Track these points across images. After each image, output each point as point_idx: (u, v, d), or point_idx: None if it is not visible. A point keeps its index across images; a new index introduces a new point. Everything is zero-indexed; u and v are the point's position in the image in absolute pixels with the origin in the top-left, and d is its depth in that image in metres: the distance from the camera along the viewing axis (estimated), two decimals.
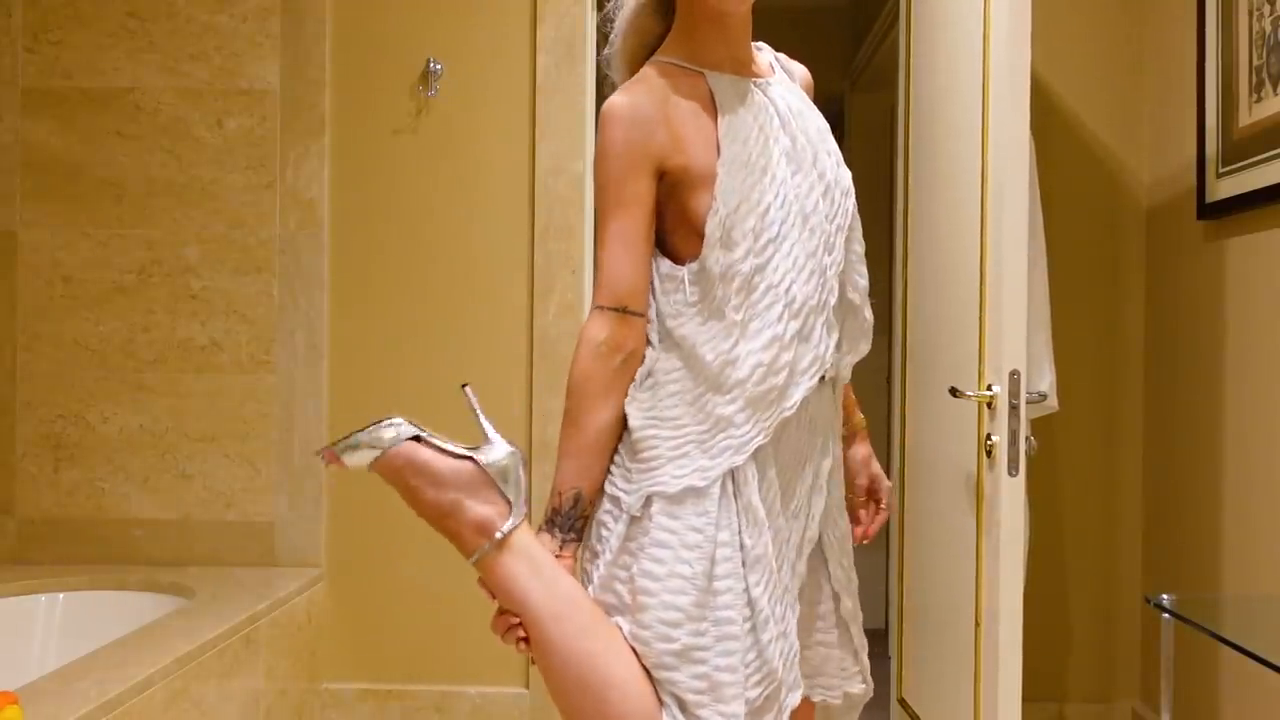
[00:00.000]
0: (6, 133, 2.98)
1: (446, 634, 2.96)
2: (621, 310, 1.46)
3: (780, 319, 1.45)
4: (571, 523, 1.46)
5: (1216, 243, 2.58)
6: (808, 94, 1.64)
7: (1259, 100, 2.35)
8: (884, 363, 4.14)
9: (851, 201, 1.55)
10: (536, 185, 2.95)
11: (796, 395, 1.46)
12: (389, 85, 2.99)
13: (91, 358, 2.98)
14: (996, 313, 2.06)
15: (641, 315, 1.48)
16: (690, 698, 1.37)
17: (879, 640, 3.86)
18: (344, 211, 2.99)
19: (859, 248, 1.56)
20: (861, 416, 1.74)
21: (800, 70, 1.68)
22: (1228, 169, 2.48)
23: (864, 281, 1.56)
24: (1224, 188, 2.50)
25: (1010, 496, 2.02)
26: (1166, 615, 1.93)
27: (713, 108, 1.50)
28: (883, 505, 1.73)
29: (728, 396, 1.43)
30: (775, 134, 1.50)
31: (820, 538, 1.57)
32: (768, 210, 1.46)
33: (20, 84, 2.98)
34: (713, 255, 1.44)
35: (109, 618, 2.73)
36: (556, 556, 1.44)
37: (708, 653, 1.38)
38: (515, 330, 2.97)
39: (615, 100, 1.48)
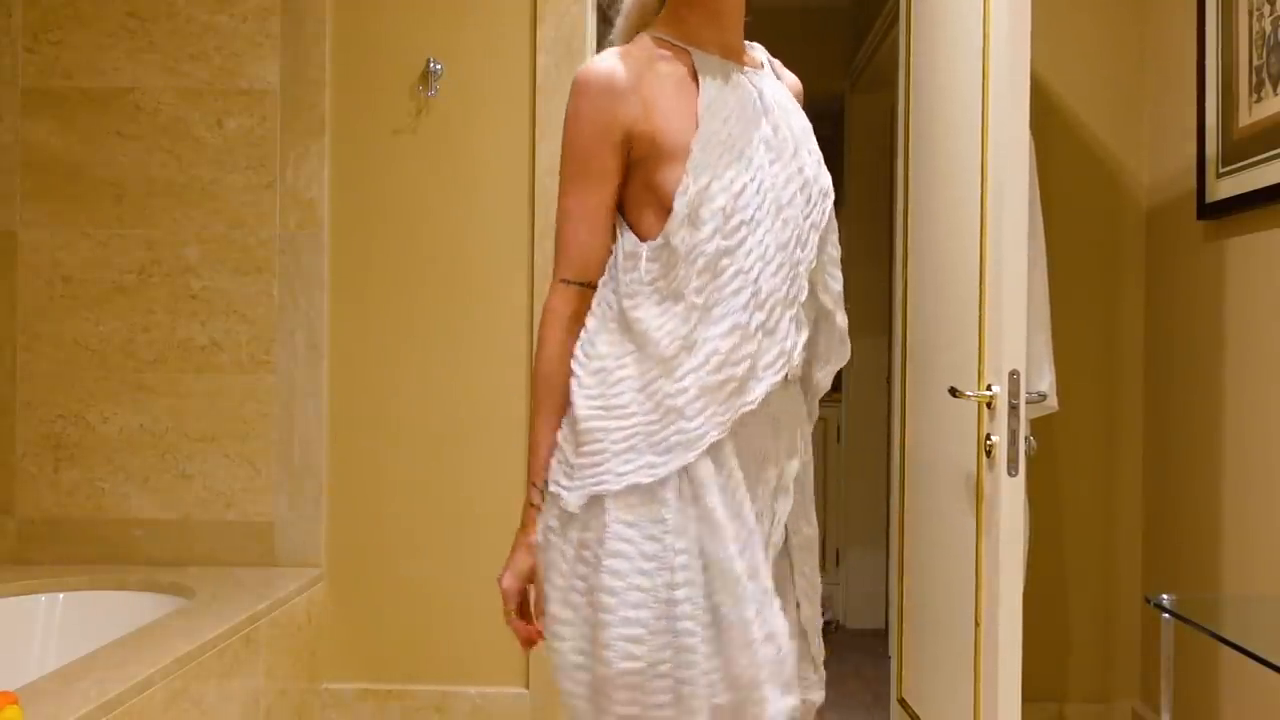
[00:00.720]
0: (7, 133, 2.98)
1: (446, 634, 2.96)
2: (585, 285, 1.44)
3: (745, 307, 1.38)
4: None
5: (1216, 243, 2.58)
6: (796, 101, 1.60)
7: (1259, 100, 2.35)
8: (884, 363, 4.14)
9: (829, 203, 1.49)
10: (536, 185, 2.95)
11: (758, 390, 1.39)
12: (389, 85, 2.99)
13: (91, 358, 2.98)
14: (996, 313, 2.06)
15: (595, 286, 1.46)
16: (654, 714, 1.34)
17: (879, 640, 3.86)
18: (344, 211, 2.99)
19: (834, 251, 1.51)
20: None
21: (792, 78, 1.63)
22: (1228, 169, 2.48)
23: (838, 286, 1.51)
24: (1224, 188, 2.50)
25: (1010, 496, 2.02)
26: (1166, 615, 1.93)
27: (695, 83, 1.45)
28: None
29: (680, 385, 1.36)
30: (757, 119, 1.45)
31: (787, 541, 1.51)
32: (742, 191, 1.40)
33: (20, 84, 2.98)
34: (679, 233, 1.38)
35: (109, 618, 2.73)
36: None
37: (668, 665, 1.34)
38: (515, 330, 2.97)
39: (588, 66, 1.43)
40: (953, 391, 2.21)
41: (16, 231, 2.98)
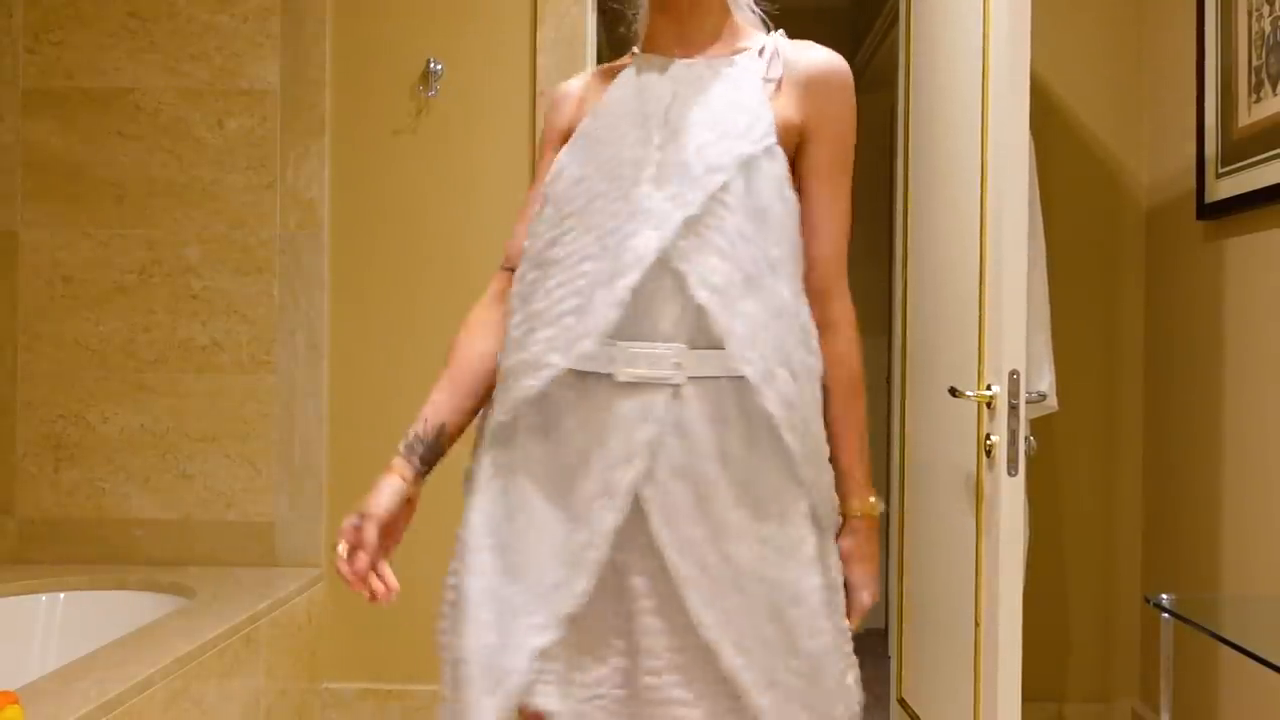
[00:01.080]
0: (8, 133, 2.98)
1: None
2: (510, 270, 1.48)
3: (552, 293, 1.34)
4: (430, 454, 1.40)
5: (1216, 243, 2.58)
6: (816, 86, 1.40)
7: (1258, 100, 2.35)
8: (883, 363, 4.15)
9: (716, 181, 1.30)
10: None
11: (539, 378, 1.30)
12: (389, 85, 2.99)
13: (92, 358, 2.98)
14: (996, 313, 2.06)
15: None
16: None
17: (879, 640, 3.86)
18: (344, 211, 3.00)
19: (720, 240, 1.30)
20: (859, 502, 1.41)
21: (810, 60, 1.42)
22: (1227, 169, 2.48)
23: (717, 278, 1.29)
24: (1223, 188, 2.50)
25: (1010, 496, 2.02)
26: (1166, 615, 1.93)
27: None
28: (851, 614, 1.41)
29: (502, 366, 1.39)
30: (645, 107, 1.37)
31: (671, 567, 1.26)
32: (580, 179, 1.36)
33: (21, 84, 2.99)
34: (531, 228, 1.41)
35: (109, 618, 2.73)
36: (407, 483, 1.37)
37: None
38: None
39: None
40: (953, 391, 2.21)
41: (17, 231, 2.99)
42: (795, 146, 1.41)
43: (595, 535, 1.27)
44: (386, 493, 1.36)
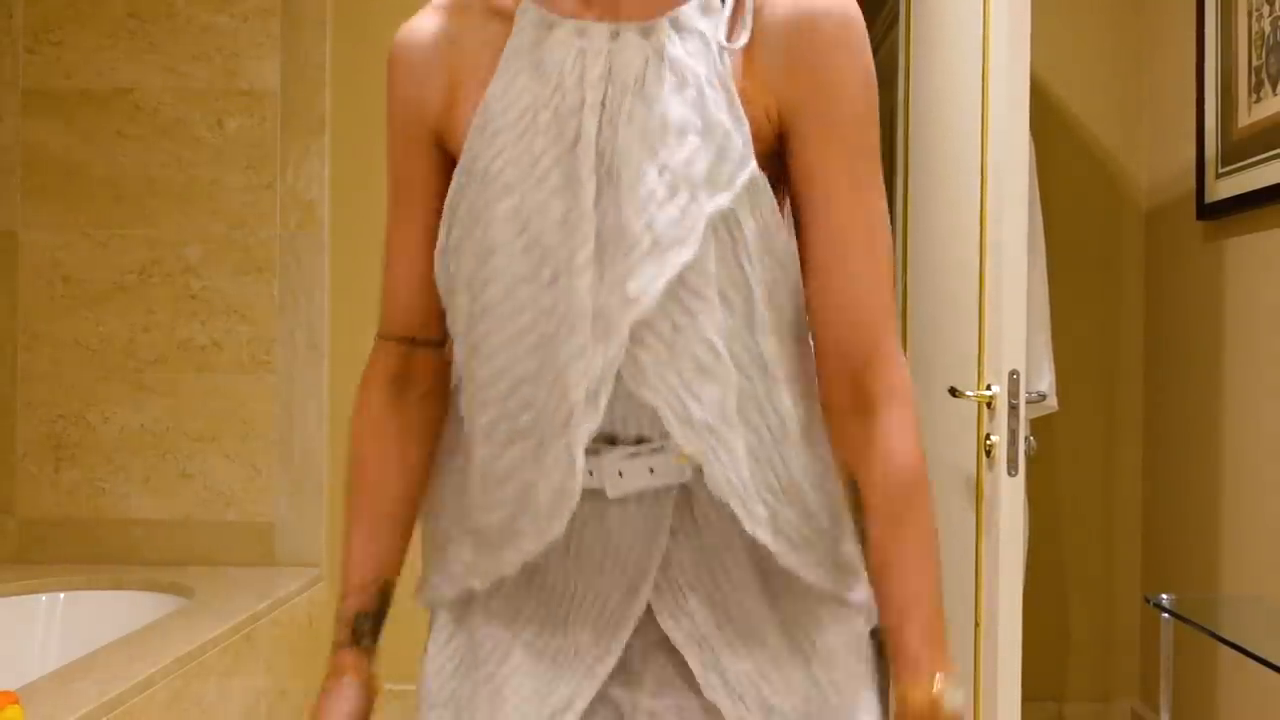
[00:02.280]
0: (7, 133, 2.98)
1: None
2: (408, 340, 1.04)
3: (493, 431, 0.94)
4: (379, 622, 1.04)
5: (1216, 243, 2.58)
6: (801, 42, 0.93)
7: (1258, 101, 2.35)
8: None
9: (676, 263, 0.88)
10: None
11: (520, 550, 0.94)
12: None
13: (92, 358, 2.98)
14: (996, 313, 2.06)
15: (437, 343, 1.06)
16: None
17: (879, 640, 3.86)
18: (344, 211, 3.00)
19: (701, 351, 0.90)
20: (921, 692, 0.89)
21: (791, 3, 0.93)
22: (1227, 169, 2.48)
23: (700, 410, 0.90)
24: (1223, 188, 2.50)
25: (1010, 496, 2.02)
26: (1165, 615, 1.93)
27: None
28: None
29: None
30: (563, 125, 0.91)
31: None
32: (492, 252, 0.92)
33: (21, 85, 2.99)
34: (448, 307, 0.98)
35: (109, 618, 2.73)
36: (364, 676, 1.03)
37: None
38: None
39: (397, 33, 1.03)
40: (953, 391, 2.21)
41: (17, 232, 2.99)
42: (778, 137, 0.95)
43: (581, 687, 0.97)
44: (347, 703, 1.00)
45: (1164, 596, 1.95)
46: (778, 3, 0.93)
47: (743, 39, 0.93)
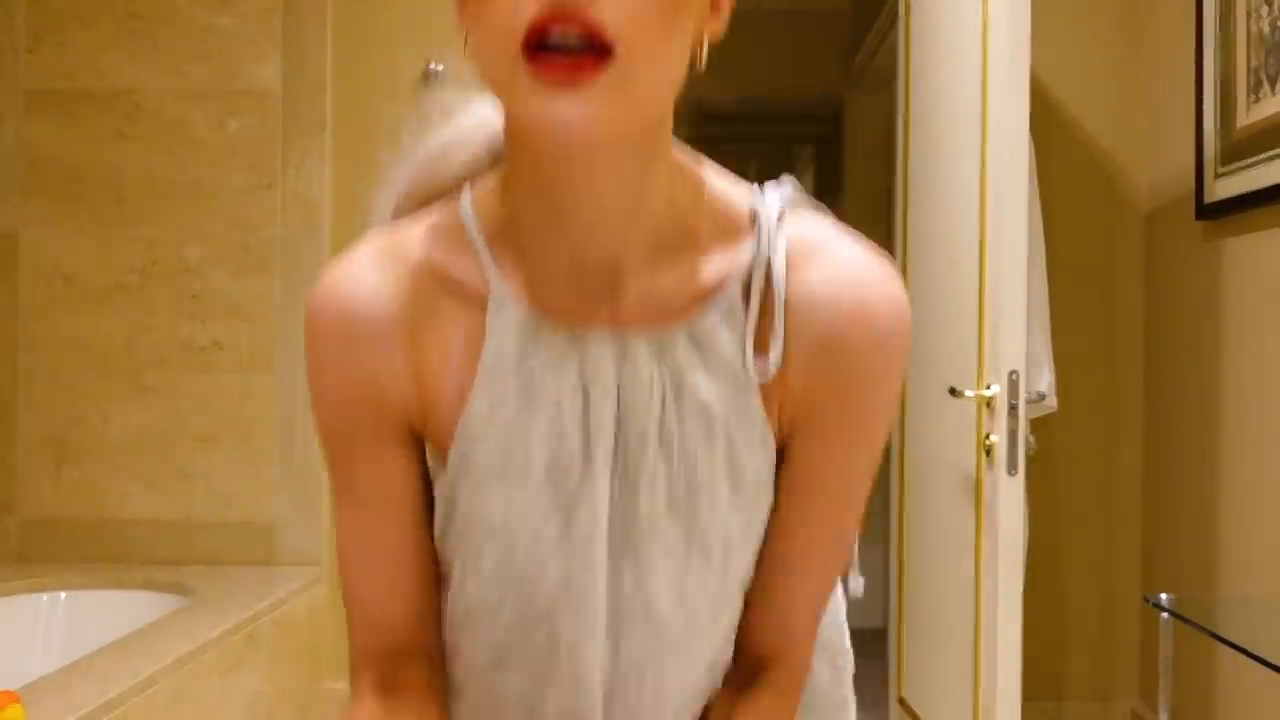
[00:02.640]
0: (9, 134, 2.98)
1: None
2: (393, 653, 0.85)
3: None
4: None
5: (1215, 243, 2.58)
6: (832, 355, 0.78)
7: (1257, 101, 2.36)
8: None
9: (703, 658, 0.83)
10: None
11: None
12: (389, 85, 2.99)
13: (92, 358, 2.98)
14: (996, 313, 2.06)
15: (429, 651, 0.86)
16: None
17: (879, 640, 3.87)
18: (344, 212, 3.00)
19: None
20: None
21: (829, 311, 0.80)
22: (1226, 169, 2.48)
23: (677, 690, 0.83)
24: (1222, 188, 2.50)
25: (1009, 496, 2.02)
26: (1165, 615, 1.94)
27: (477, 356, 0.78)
28: None
29: None
30: (568, 484, 0.78)
31: None
32: (494, 610, 0.82)
33: (22, 85, 2.99)
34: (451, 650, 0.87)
35: (110, 618, 2.73)
36: None
37: None
38: None
39: (322, 287, 0.81)
40: (952, 391, 2.22)
41: (18, 232, 2.99)
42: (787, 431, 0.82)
43: None
44: None
45: (1163, 596, 1.95)
46: (816, 299, 0.79)
47: (774, 360, 0.77)
